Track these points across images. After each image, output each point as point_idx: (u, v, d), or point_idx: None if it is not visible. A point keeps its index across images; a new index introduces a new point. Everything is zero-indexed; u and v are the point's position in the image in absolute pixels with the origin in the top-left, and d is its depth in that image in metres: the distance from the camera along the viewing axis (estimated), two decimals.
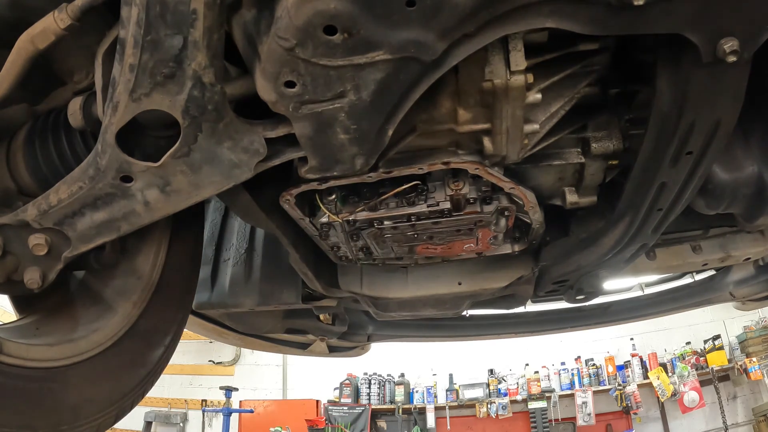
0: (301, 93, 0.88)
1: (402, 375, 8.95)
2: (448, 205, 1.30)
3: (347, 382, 8.54)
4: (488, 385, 8.85)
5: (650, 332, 8.09)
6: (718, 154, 1.11)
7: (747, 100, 0.98)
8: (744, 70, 0.93)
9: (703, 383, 7.70)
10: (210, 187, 1.08)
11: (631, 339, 8.33)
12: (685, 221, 1.66)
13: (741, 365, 7.45)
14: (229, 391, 7.34)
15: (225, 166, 1.04)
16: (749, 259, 1.84)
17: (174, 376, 8.42)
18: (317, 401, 8.23)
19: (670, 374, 7.94)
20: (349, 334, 2.54)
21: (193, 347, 8.60)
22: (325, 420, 8.21)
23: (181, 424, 8.39)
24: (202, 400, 8.55)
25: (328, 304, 2.02)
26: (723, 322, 7.96)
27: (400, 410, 8.52)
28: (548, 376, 8.65)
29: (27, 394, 1.23)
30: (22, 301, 1.45)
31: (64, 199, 1.10)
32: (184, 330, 1.69)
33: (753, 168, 1.26)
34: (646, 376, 8.10)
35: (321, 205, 1.31)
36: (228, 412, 7.11)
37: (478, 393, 8.77)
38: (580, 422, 8.13)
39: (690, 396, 7.60)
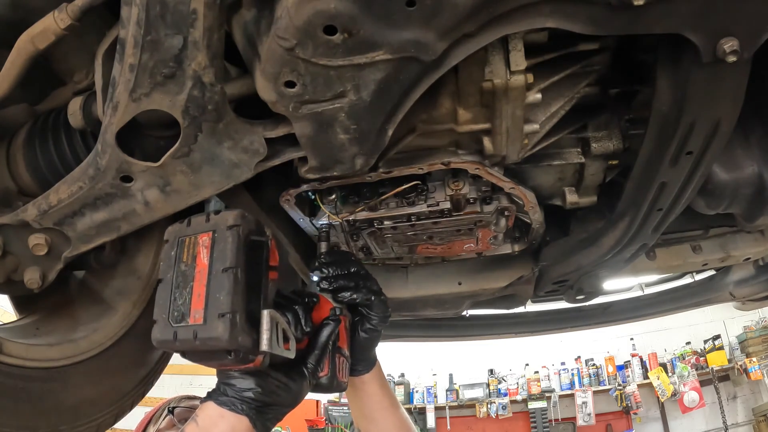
0: (301, 93, 0.88)
1: (402, 375, 8.95)
2: (448, 205, 1.30)
3: None
4: (488, 385, 8.85)
5: (650, 332, 8.10)
6: (718, 154, 1.11)
7: (747, 100, 0.98)
8: (744, 70, 0.92)
9: (703, 383, 7.71)
10: (210, 187, 1.08)
11: (631, 339, 8.33)
12: (685, 221, 1.66)
13: (741, 365, 7.46)
14: None
15: (225, 166, 1.04)
16: (749, 259, 1.84)
17: (174, 376, 8.42)
18: (317, 401, 8.23)
19: (670, 374, 7.95)
20: None
21: None
22: (325, 420, 8.22)
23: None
24: None
25: None
26: (723, 322, 7.97)
27: None
28: (548, 376, 8.65)
29: (27, 394, 1.23)
30: (22, 301, 1.45)
31: (64, 199, 1.10)
32: None
33: (753, 168, 1.26)
34: (646, 376, 8.11)
35: (321, 205, 1.31)
36: None
37: (478, 393, 8.77)
38: (580, 422, 8.14)
39: (690, 396, 7.60)
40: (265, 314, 0.93)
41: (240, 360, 0.92)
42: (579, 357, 8.65)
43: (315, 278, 1.19)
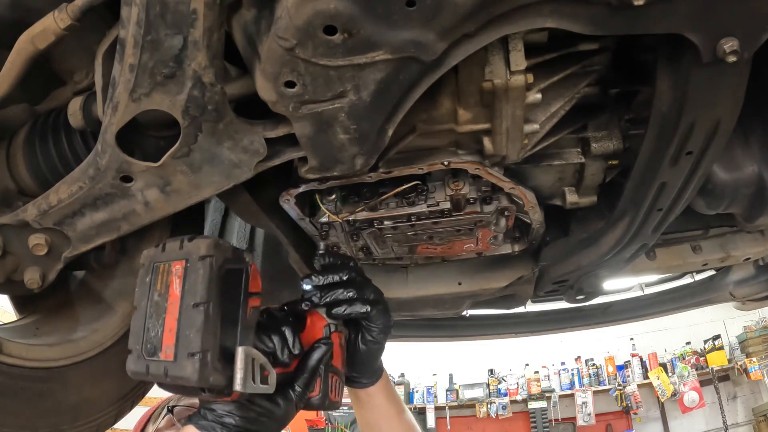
0: (301, 93, 0.88)
1: (402, 375, 8.96)
2: (448, 205, 1.30)
3: None
4: (488, 385, 8.87)
5: (650, 332, 8.11)
6: (718, 154, 1.11)
7: (747, 100, 0.98)
8: (744, 70, 0.92)
9: (703, 383, 7.72)
10: (210, 187, 1.08)
11: (631, 339, 8.34)
12: (685, 221, 1.66)
13: (741, 365, 7.47)
14: None
15: (225, 166, 1.04)
16: (749, 259, 1.84)
17: None
18: None
19: (670, 374, 7.96)
20: None
21: None
22: (325, 420, 8.22)
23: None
24: None
25: None
26: (723, 322, 7.97)
27: None
28: (548, 376, 8.67)
29: (27, 394, 1.23)
30: (22, 301, 1.45)
31: (64, 199, 1.10)
32: None
33: (753, 168, 1.26)
34: (646, 376, 8.12)
35: (321, 205, 1.31)
36: None
37: (478, 393, 8.78)
38: (580, 422, 8.15)
39: (690, 396, 7.61)
40: (240, 352, 0.89)
41: (216, 395, 0.89)
42: (579, 357, 8.65)
43: (307, 287, 1.12)
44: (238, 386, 0.87)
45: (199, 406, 0.99)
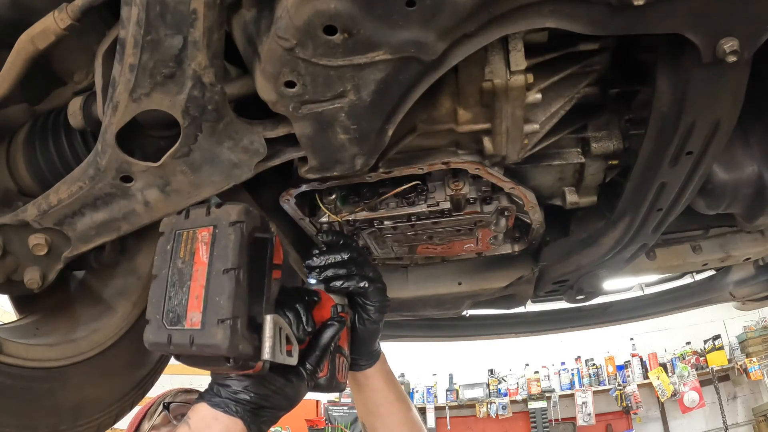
0: (301, 93, 0.88)
1: (402, 375, 8.94)
2: (448, 205, 1.30)
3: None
4: (488, 385, 8.86)
5: (650, 332, 8.11)
6: (718, 154, 1.11)
7: (747, 100, 0.98)
8: (744, 70, 0.93)
9: (703, 383, 7.72)
10: (210, 187, 1.08)
11: (631, 339, 8.34)
12: (685, 221, 1.66)
13: (741, 365, 7.47)
14: None
15: (225, 166, 1.04)
16: (749, 259, 1.84)
17: (174, 376, 8.38)
18: (317, 401, 8.23)
19: (670, 374, 7.96)
20: None
21: None
22: (325, 420, 8.22)
23: None
24: None
25: None
26: (723, 322, 7.97)
27: None
28: (548, 376, 8.66)
29: (27, 394, 1.23)
30: (22, 301, 1.45)
31: (64, 199, 1.10)
32: None
33: (753, 168, 1.26)
34: (646, 376, 8.12)
35: (321, 205, 1.31)
36: None
37: (478, 393, 8.78)
38: (580, 422, 8.15)
39: (690, 396, 7.61)
40: (269, 320, 0.88)
41: (239, 367, 0.87)
42: (579, 357, 8.65)
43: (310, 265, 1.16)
44: (266, 355, 0.86)
45: (210, 383, 0.98)
